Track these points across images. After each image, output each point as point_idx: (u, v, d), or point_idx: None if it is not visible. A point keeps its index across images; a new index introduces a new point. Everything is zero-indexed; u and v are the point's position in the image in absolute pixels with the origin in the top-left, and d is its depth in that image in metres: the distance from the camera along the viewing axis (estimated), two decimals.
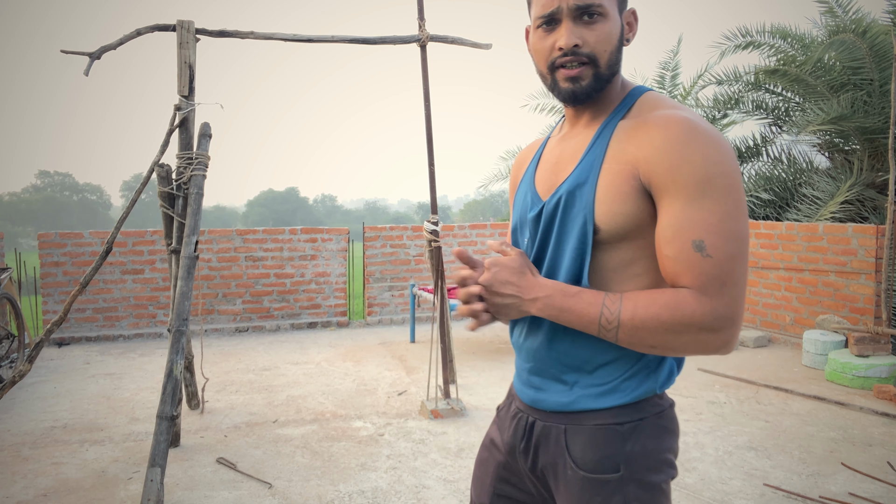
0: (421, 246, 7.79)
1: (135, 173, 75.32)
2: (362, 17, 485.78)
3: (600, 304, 1.07)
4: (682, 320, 1.02)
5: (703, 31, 37.27)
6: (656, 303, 1.04)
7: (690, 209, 1.03)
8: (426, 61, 4.39)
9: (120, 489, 3.25)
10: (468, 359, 5.83)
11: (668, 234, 1.05)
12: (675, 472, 1.19)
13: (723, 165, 1.04)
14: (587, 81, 1.14)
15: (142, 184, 3.57)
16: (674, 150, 1.05)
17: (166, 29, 3.78)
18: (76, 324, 6.69)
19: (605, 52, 1.13)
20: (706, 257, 1.02)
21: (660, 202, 1.07)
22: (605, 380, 1.15)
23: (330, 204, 78.95)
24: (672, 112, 1.09)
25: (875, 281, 5.43)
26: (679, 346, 1.05)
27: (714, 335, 1.03)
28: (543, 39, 1.16)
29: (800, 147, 8.77)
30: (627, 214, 1.09)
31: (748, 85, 9.12)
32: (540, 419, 1.23)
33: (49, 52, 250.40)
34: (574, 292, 1.10)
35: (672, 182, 1.04)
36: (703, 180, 1.03)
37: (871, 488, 3.20)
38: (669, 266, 1.06)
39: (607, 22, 1.12)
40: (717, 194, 1.03)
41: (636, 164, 1.08)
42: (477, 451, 3.80)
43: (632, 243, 1.12)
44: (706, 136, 1.05)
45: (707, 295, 1.02)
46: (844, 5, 8.29)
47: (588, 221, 1.11)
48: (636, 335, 1.05)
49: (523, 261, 1.16)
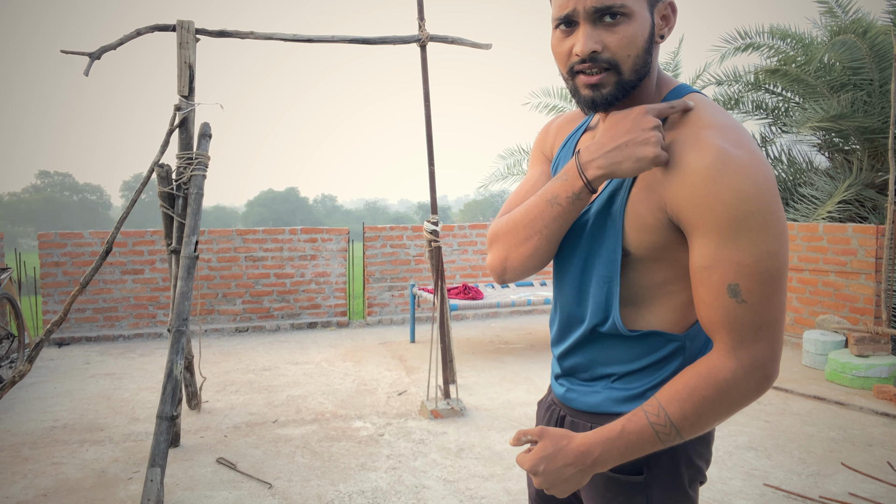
0: (421, 246, 7.79)
1: (135, 173, 75.31)
2: (362, 17, 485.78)
3: (647, 425, 1.01)
4: (725, 388, 0.99)
5: (703, 31, 37.23)
6: (696, 388, 1.00)
7: (725, 250, 0.96)
8: (426, 61, 4.39)
9: (120, 489, 3.25)
10: (468, 359, 5.83)
11: (703, 277, 0.99)
12: (703, 477, 1.17)
13: (758, 201, 0.94)
14: (608, 89, 1.03)
15: (142, 184, 3.57)
16: (703, 185, 0.96)
17: (166, 29, 3.78)
18: (76, 324, 6.69)
19: (629, 57, 1.01)
20: (741, 303, 0.97)
21: (691, 239, 1.00)
22: (633, 385, 1.13)
23: (330, 204, 78.96)
24: (707, 135, 0.98)
25: (875, 281, 5.43)
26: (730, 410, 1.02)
27: (753, 382, 1.00)
28: (562, 42, 1.06)
29: (800, 147, 8.78)
30: (656, 243, 1.04)
31: (748, 85, 9.13)
32: (569, 415, 1.22)
33: (49, 52, 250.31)
34: (618, 432, 1.03)
35: (702, 221, 0.97)
36: (736, 219, 0.95)
37: (871, 488, 3.20)
38: (704, 312, 1.01)
39: (632, 22, 1.00)
40: (752, 234, 0.95)
41: (663, 195, 1.01)
42: (478, 451, 3.77)
43: (664, 264, 1.07)
44: (741, 167, 0.95)
45: (743, 346, 0.98)
46: (844, 6, 8.29)
47: (617, 248, 1.07)
48: (696, 427, 1.01)
49: (553, 437, 1.07)
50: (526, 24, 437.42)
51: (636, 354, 1.12)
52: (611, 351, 1.14)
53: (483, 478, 3.36)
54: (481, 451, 3.70)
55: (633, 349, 1.12)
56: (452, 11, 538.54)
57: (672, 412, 1.00)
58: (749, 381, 0.99)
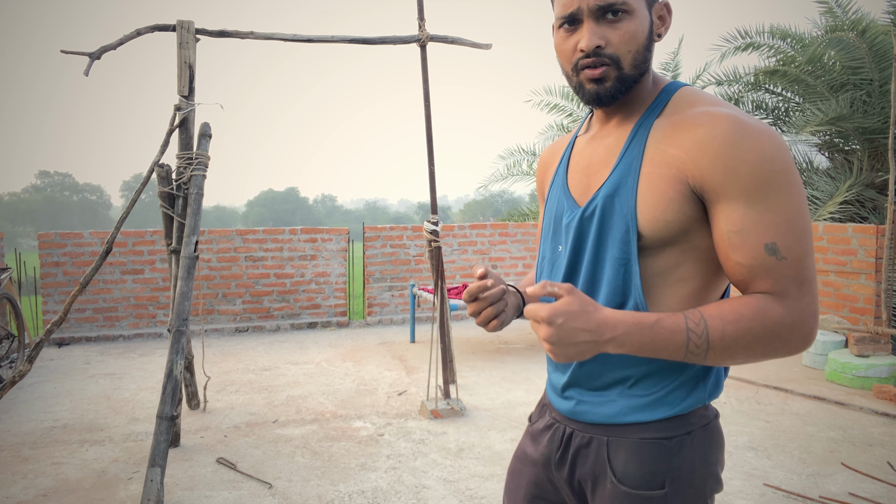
0: (421, 246, 7.79)
1: (135, 173, 75.32)
2: (362, 17, 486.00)
3: (684, 329, 0.97)
4: (773, 329, 0.97)
5: (703, 31, 37.26)
6: (744, 316, 0.97)
7: (755, 211, 0.98)
8: (426, 61, 4.39)
9: (120, 489, 3.25)
10: (468, 359, 5.84)
11: (736, 241, 0.99)
12: (720, 486, 1.14)
13: (780, 162, 0.98)
14: (611, 83, 1.08)
15: (142, 184, 3.57)
16: (726, 151, 0.98)
17: (166, 29, 3.78)
18: (76, 324, 6.69)
19: (630, 53, 1.06)
20: (781, 259, 0.97)
21: (716, 206, 1.01)
22: (651, 391, 1.09)
23: (330, 204, 78.98)
24: (715, 109, 1.02)
25: (875, 281, 5.43)
26: (764, 354, 0.99)
27: (801, 337, 0.98)
28: (566, 40, 1.10)
29: (800, 147, 8.78)
30: (672, 221, 1.03)
31: (748, 85, 9.13)
32: (579, 430, 1.16)
33: (49, 52, 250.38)
34: (652, 322, 0.98)
35: (730, 185, 0.98)
36: (764, 179, 0.97)
37: (871, 488, 3.20)
38: (742, 273, 1.00)
39: (633, 20, 1.05)
40: (781, 192, 0.97)
41: (682, 167, 1.02)
42: (478, 451, 3.77)
43: (675, 248, 1.06)
44: (758, 131, 0.98)
45: (790, 298, 0.98)
46: (844, 5, 8.29)
47: (631, 229, 1.05)
48: (726, 353, 0.98)
49: (581, 298, 0.99)
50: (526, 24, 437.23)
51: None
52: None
53: (483, 478, 3.36)
54: (481, 451, 3.70)
55: None
56: (452, 11, 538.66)
57: (713, 328, 0.97)
58: (794, 332, 0.98)
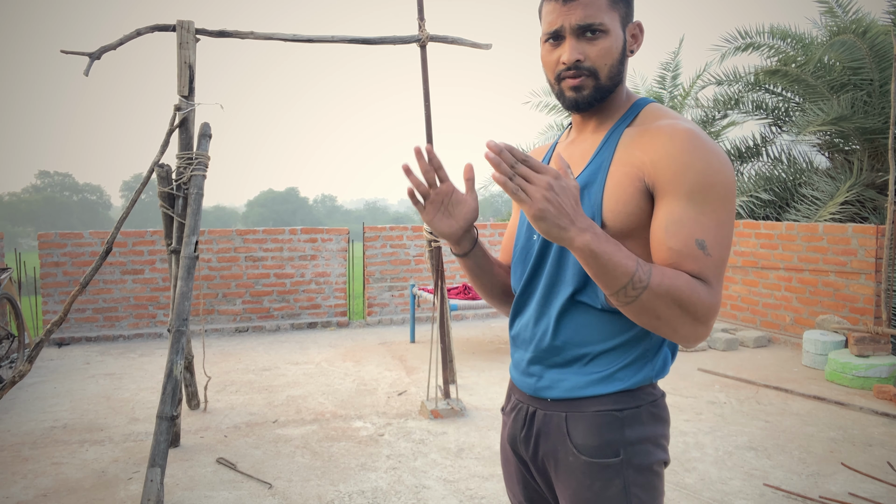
0: (421, 246, 7.79)
1: (135, 173, 75.29)
2: (362, 17, 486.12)
3: (635, 261, 1.09)
4: (696, 299, 1.08)
5: (704, 31, 37.28)
6: (680, 277, 1.09)
7: (694, 211, 1.11)
8: (426, 61, 4.39)
9: (120, 489, 3.25)
10: (468, 359, 5.84)
11: (673, 229, 1.12)
12: (667, 457, 1.26)
13: (723, 176, 1.13)
14: (588, 91, 1.22)
15: (142, 184, 3.57)
16: (680, 157, 1.13)
17: (166, 29, 3.78)
18: (76, 324, 6.69)
19: (606, 66, 1.21)
20: (707, 255, 1.11)
21: (661, 200, 1.14)
22: (605, 367, 1.22)
23: (330, 204, 78.93)
24: (677, 122, 1.18)
25: (875, 281, 5.43)
26: (682, 317, 1.09)
27: (704, 326, 1.11)
28: (550, 53, 1.25)
29: (800, 147, 8.77)
30: (630, 213, 1.17)
31: (748, 85, 9.12)
32: (541, 408, 1.28)
33: (49, 52, 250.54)
34: (615, 241, 1.10)
35: (677, 185, 1.12)
36: (706, 187, 1.12)
37: (871, 488, 3.20)
38: (672, 256, 1.12)
39: (608, 38, 1.20)
40: (717, 201, 1.12)
41: (642, 167, 1.17)
42: (478, 451, 3.78)
43: (632, 240, 1.19)
44: (709, 147, 1.14)
45: (710, 285, 1.11)
46: (844, 5, 8.29)
47: (597, 219, 1.18)
48: (657, 301, 1.08)
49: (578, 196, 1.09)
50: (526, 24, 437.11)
51: (608, 332, 1.21)
52: (585, 329, 1.23)
53: (483, 478, 3.36)
54: (481, 451, 3.70)
55: (606, 326, 1.21)
56: (452, 11, 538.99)
57: (655, 273, 1.09)
58: (708, 313, 1.10)
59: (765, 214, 8.27)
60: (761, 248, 6.52)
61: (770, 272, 6.43)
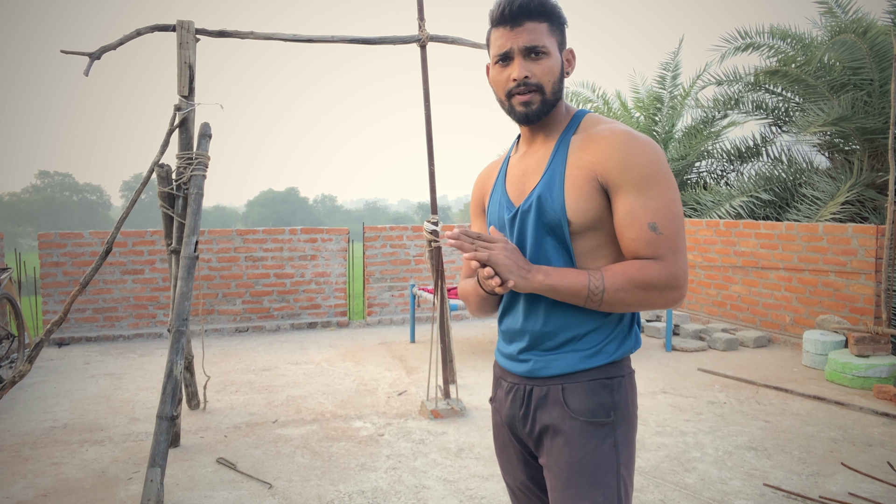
0: (421, 246, 7.79)
1: (135, 173, 75.24)
2: (362, 17, 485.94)
3: (586, 277, 1.33)
4: (650, 280, 1.31)
5: (704, 31, 37.27)
6: (629, 270, 1.32)
7: (641, 199, 1.32)
8: (426, 61, 4.39)
9: (120, 489, 3.25)
10: (468, 359, 5.84)
11: (628, 221, 1.33)
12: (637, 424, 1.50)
13: (660, 164, 1.34)
14: (537, 106, 1.41)
15: (142, 184, 3.57)
16: (622, 155, 1.33)
17: (166, 29, 3.78)
18: (76, 324, 6.69)
19: (550, 82, 1.40)
20: (659, 234, 1.31)
21: (615, 196, 1.34)
22: (593, 344, 1.40)
23: (330, 204, 78.87)
24: (614, 126, 1.39)
25: (875, 281, 5.43)
26: (648, 302, 1.33)
27: (673, 291, 1.32)
28: (500, 73, 1.43)
29: (800, 147, 8.77)
30: (590, 209, 1.36)
31: (748, 85, 9.12)
32: (537, 385, 1.44)
33: (49, 52, 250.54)
34: (563, 271, 1.35)
35: (625, 180, 1.33)
36: (647, 176, 1.32)
37: (871, 488, 3.20)
38: (632, 245, 1.33)
39: (550, 59, 1.40)
40: (660, 186, 1.33)
41: (593, 168, 1.36)
42: (478, 451, 3.76)
43: (597, 232, 1.38)
44: (645, 142, 1.35)
45: (665, 261, 1.31)
46: (844, 6, 8.29)
47: (563, 218, 1.37)
48: (619, 294, 1.32)
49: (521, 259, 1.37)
50: None
51: (592, 315, 1.40)
52: (573, 316, 1.40)
53: (483, 478, 3.36)
54: (481, 451, 3.70)
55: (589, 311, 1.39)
56: (452, 11, 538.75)
57: (607, 276, 1.33)
58: (667, 286, 1.31)
59: (765, 214, 8.27)
60: (761, 248, 6.52)
61: (770, 272, 6.43)
